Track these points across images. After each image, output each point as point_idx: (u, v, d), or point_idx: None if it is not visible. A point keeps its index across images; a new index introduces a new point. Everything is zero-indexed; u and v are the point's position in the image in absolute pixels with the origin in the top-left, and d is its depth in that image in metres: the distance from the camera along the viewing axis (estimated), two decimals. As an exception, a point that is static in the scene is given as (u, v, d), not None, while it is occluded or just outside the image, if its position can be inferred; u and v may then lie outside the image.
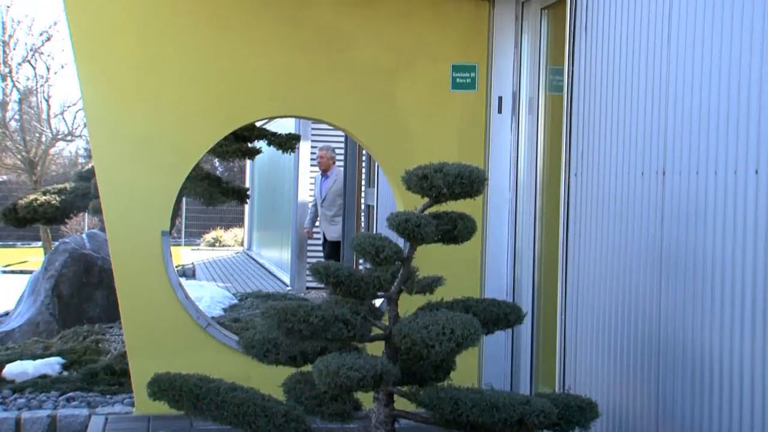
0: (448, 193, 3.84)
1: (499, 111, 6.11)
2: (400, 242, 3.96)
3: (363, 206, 11.53)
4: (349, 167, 11.85)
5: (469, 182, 3.82)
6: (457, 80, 6.11)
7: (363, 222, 11.50)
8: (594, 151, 4.63)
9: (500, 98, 6.11)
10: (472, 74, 6.10)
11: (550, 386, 5.36)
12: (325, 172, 12.44)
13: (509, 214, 6.08)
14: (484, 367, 6.08)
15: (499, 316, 4.08)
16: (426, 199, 3.95)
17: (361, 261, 9.95)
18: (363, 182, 11.36)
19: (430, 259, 4.60)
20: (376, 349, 4.00)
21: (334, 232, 12.33)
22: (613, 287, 4.42)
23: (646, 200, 4.15)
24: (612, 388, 4.41)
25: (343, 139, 12.62)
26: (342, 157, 12.84)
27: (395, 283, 3.93)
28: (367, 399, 3.96)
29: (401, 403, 3.94)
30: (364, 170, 11.25)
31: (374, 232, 8.23)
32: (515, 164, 6.04)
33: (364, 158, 11.21)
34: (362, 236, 3.87)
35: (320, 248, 13.53)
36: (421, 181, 3.88)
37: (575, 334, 4.79)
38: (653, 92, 4.12)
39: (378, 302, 4.35)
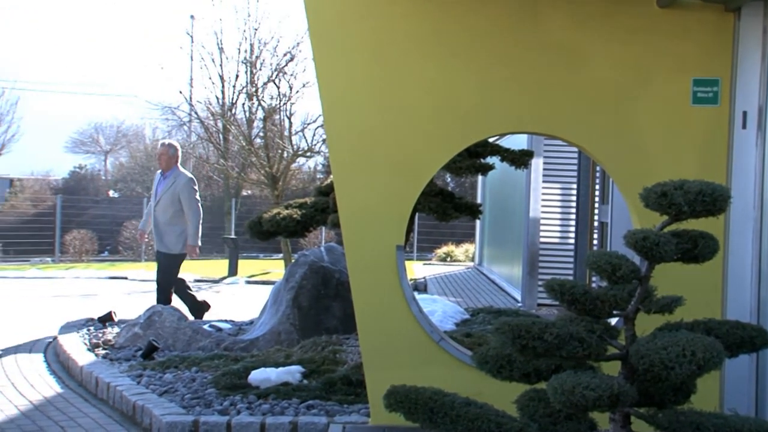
0: (689, 211, 3.74)
1: (744, 126, 5.87)
2: (636, 260, 3.88)
3: (596, 223, 11.36)
4: (582, 183, 11.71)
5: (711, 200, 3.71)
6: (698, 95, 5.90)
7: (596, 239, 11.32)
8: None
9: (744, 113, 5.86)
10: (715, 88, 5.87)
11: (798, 415, 5.08)
12: (164, 172, 10.99)
13: (754, 233, 5.82)
14: (726, 391, 5.84)
15: (743, 339, 3.92)
16: (665, 217, 3.86)
17: (595, 279, 9.80)
18: (597, 199, 11.20)
19: (666, 278, 4.47)
20: (611, 368, 3.94)
21: (161, 243, 10.81)
22: None
23: None
24: None
25: (576, 155, 12.50)
26: (575, 174, 12.71)
27: (632, 302, 3.86)
28: (602, 419, 3.90)
29: (638, 425, 3.86)
30: (597, 187, 11.10)
31: (608, 249, 8.08)
32: (760, 182, 5.78)
33: (597, 175, 11.06)
34: (598, 254, 3.83)
35: (554, 265, 13.38)
36: (660, 198, 3.79)
37: (827, 361, 4.52)
38: None
39: (612, 321, 4.27)
